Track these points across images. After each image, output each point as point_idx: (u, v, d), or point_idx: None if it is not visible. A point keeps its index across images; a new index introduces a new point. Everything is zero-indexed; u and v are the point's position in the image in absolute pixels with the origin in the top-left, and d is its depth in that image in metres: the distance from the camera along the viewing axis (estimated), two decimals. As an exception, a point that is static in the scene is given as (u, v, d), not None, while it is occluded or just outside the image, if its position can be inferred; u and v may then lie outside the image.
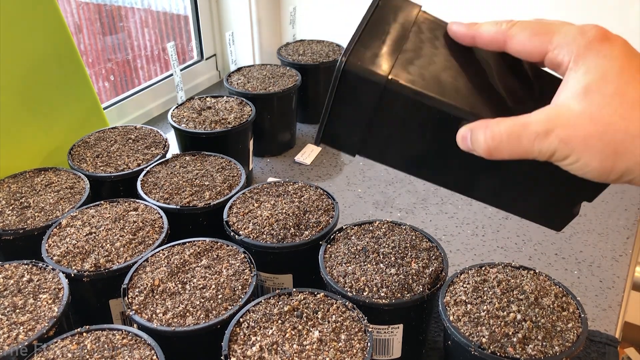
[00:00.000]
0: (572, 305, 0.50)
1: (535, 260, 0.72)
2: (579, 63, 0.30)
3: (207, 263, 0.54)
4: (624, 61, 0.29)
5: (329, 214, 0.62)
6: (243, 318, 0.47)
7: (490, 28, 0.34)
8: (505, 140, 0.31)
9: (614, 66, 0.29)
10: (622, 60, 0.29)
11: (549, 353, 0.45)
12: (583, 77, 0.30)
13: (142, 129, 0.81)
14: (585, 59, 0.30)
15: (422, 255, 0.54)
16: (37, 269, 0.54)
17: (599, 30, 0.30)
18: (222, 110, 0.85)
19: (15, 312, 0.49)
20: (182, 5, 1.18)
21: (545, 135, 0.30)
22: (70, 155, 0.74)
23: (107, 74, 1.10)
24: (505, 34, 0.33)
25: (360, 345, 0.44)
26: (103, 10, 1.08)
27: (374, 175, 0.91)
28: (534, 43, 0.32)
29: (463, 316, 0.48)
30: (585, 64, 0.30)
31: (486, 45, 0.34)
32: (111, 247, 0.57)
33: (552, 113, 0.30)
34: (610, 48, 0.30)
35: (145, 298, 0.50)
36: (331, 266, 0.54)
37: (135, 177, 0.70)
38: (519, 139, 0.30)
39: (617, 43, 0.30)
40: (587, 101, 0.29)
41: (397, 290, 0.50)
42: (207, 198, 0.65)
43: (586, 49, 0.30)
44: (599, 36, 0.30)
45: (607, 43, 0.30)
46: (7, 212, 0.62)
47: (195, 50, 1.22)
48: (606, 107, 0.29)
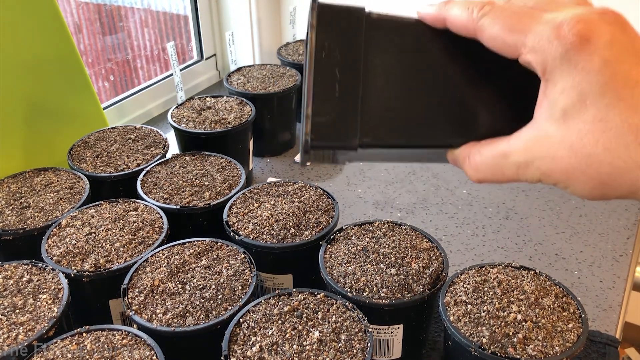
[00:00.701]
0: (572, 306, 0.50)
1: (535, 260, 0.72)
2: (554, 78, 0.26)
3: (207, 263, 0.54)
4: (606, 75, 0.24)
5: (329, 214, 0.62)
6: (243, 318, 0.47)
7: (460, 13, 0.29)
8: (490, 173, 0.29)
9: (593, 84, 0.25)
10: (604, 75, 0.24)
11: (550, 353, 0.45)
12: (559, 98, 0.26)
13: (142, 129, 0.81)
14: (561, 74, 0.25)
15: (423, 255, 0.54)
16: (37, 269, 0.54)
17: (579, 31, 0.25)
18: (222, 110, 0.85)
19: (15, 312, 0.49)
20: (182, 5, 1.18)
21: (526, 167, 0.27)
22: (70, 155, 0.74)
23: (107, 74, 1.10)
24: (475, 24, 0.28)
25: (360, 346, 0.44)
26: (103, 10, 1.08)
27: (374, 175, 0.91)
28: (506, 41, 0.27)
29: (463, 316, 0.48)
30: (561, 80, 0.25)
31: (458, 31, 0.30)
32: (111, 247, 0.57)
33: (531, 141, 0.27)
34: (590, 57, 0.24)
35: (145, 298, 0.50)
36: (331, 266, 0.54)
37: (135, 177, 0.70)
38: (502, 171, 0.29)
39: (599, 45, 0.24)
40: (565, 128, 0.26)
41: (398, 291, 0.50)
42: (207, 198, 0.65)
43: (562, 59, 0.25)
44: (577, 40, 0.25)
45: (587, 49, 0.25)
46: (6, 212, 0.62)
47: (195, 50, 1.21)
48: (587, 135, 0.25)
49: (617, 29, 0.25)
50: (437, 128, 0.32)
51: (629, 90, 0.24)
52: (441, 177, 0.90)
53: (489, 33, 0.28)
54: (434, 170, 0.92)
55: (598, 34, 0.25)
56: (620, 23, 0.26)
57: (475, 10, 0.28)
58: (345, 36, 0.30)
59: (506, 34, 0.27)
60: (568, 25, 0.25)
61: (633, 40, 0.25)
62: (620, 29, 0.25)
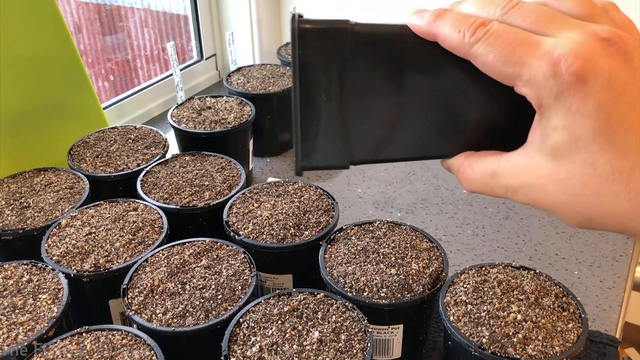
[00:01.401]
0: (572, 306, 0.50)
1: (535, 260, 0.72)
2: (548, 114, 0.25)
3: (207, 263, 0.54)
4: (600, 119, 0.23)
5: (329, 214, 0.62)
6: (243, 318, 0.47)
7: (452, 33, 0.27)
8: (480, 188, 0.29)
9: (585, 128, 0.24)
10: (598, 119, 0.23)
11: (550, 353, 0.45)
12: (551, 135, 0.25)
13: (141, 129, 0.81)
14: (555, 112, 0.24)
15: (423, 255, 0.54)
16: (37, 269, 0.54)
17: (576, 70, 0.23)
18: (222, 110, 0.85)
19: (15, 312, 0.49)
20: (182, 5, 1.18)
21: (515, 191, 0.27)
22: (70, 155, 0.74)
23: (107, 73, 1.10)
24: (467, 50, 0.26)
25: (360, 346, 0.44)
26: (103, 10, 1.08)
27: (374, 175, 0.91)
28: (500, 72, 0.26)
29: (463, 316, 0.48)
30: (555, 118, 0.25)
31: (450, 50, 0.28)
32: (111, 247, 0.57)
33: (520, 168, 0.27)
34: (585, 100, 0.23)
35: (145, 298, 0.50)
36: (331, 266, 0.54)
37: (135, 177, 0.70)
38: (491, 189, 0.29)
39: (595, 87, 0.23)
40: (555, 164, 0.25)
41: (398, 291, 0.50)
42: (207, 198, 0.65)
43: (556, 99, 0.24)
44: (573, 80, 0.23)
45: (583, 91, 0.23)
46: (6, 212, 0.62)
47: (195, 50, 1.21)
48: (576, 176, 0.25)
49: (618, 62, 0.24)
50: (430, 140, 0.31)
51: (622, 135, 0.23)
52: (441, 177, 0.90)
53: (483, 61, 0.26)
54: (434, 170, 0.92)
55: (596, 73, 0.23)
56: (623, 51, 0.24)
57: (467, 34, 0.26)
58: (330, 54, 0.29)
59: (501, 64, 0.25)
60: (565, 63, 0.24)
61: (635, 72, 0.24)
62: (623, 60, 0.24)
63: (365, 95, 0.30)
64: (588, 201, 0.25)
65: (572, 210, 0.25)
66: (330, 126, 0.30)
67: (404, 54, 0.29)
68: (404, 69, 0.30)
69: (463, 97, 0.30)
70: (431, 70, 0.30)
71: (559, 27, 0.25)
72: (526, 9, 0.26)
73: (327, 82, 0.29)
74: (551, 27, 0.25)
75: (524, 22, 0.26)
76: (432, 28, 0.28)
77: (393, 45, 0.29)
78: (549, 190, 0.26)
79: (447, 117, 0.31)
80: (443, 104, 0.30)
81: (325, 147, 0.30)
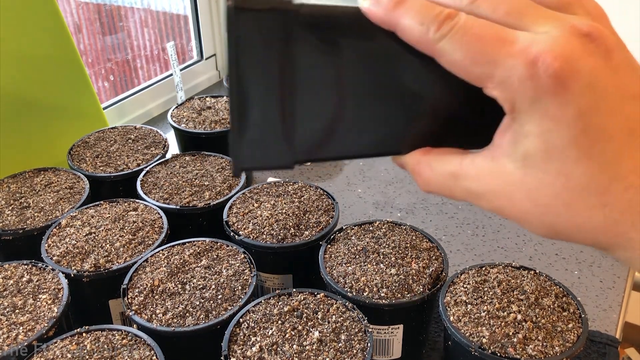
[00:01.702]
0: (572, 306, 0.50)
1: (535, 260, 0.72)
2: (521, 118, 0.23)
3: (207, 263, 0.54)
4: (578, 128, 0.22)
5: (329, 214, 0.62)
6: (243, 318, 0.47)
7: (414, 26, 0.23)
8: (439, 190, 0.27)
9: (562, 136, 0.22)
10: (575, 128, 0.22)
11: (550, 353, 0.45)
12: (523, 141, 0.23)
13: (141, 129, 0.81)
14: (530, 118, 0.22)
15: (423, 255, 0.54)
16: (37, 269, 0.54)
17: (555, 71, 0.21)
18: (222, 110, 0.85)
19: (15, 312, 0.49)
20: (181, 5, 1.18)
21: (477, 196, 0.25)
22: (70, 155, 0.74)
23: (107, 74, 1.10)
24: (432, 46, 0.23)
25: (360, 346, 0.44)
26: (103, 10, 1.08)
27: (374, 175, 0.91)
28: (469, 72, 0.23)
29: (463, 316, 0.48)
30: (528, 124, 0.22)
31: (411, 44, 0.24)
32: (111, 247, 0.57)
33: (485, 172, 0.24)
34: (563, 106, 0.21)
35: (145, 298, 0.50)
36: (331, 266, 0.54)
37: (135, 177, 0.70)
38: (451, 191, 0.26)
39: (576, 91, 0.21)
40: (525, 172, 0.23)
41: (398, 291, 0.50)
42: (207, 198, 0.65)
43: (532, 103, 0.22)
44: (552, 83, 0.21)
45: (562, 96, 0.21)
46: (6, 212, 0.62)
47: (195, 50, 1.21)
48: (547, 187, 0.23)
49: (599, 62, 0.22)
50: (383, 135, 0.28)
51: (600, 146, 0.22)
52: (441, 177, 0.90)
53: (449, 60, 0.23)
54: (434, 170, 0.92)
55: (576, 76, 0.21)
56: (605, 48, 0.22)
57: (431, 28, 0.23)
58: (271, 39, 0.25)
59: (469, 63, 0.23)
60: (544, 64, 0.21)
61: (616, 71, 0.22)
62: (604, 58, 0.22)
63: (310, 85, 0.26)
64: (558, 213, 0.23)
65: (539, 221, 0.24)
66: (270, 121, 0.26)
67: (355, 40, 0.26)
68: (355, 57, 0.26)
69: (421, 89, 0.27)
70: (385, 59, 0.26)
71: (534, 20, 0.23)
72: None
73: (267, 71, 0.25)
74: (525, 19, 0.23)
75: (495, 13, 0.23)
76: (390, 18, 0.24)
77: (343, 30, 0.26)
78: (517, 199, 0.24)
79: (401, 109, 0.28)
80: (397, 96, 0.27)
81: (266, 145, 0.27)
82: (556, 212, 0.23)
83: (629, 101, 0.22)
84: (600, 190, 0.22)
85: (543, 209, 0.23)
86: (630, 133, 0.22)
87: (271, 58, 0.25)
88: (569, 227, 0.23)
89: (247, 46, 0.25)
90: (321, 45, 0.26)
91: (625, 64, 0.23)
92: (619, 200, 0.22)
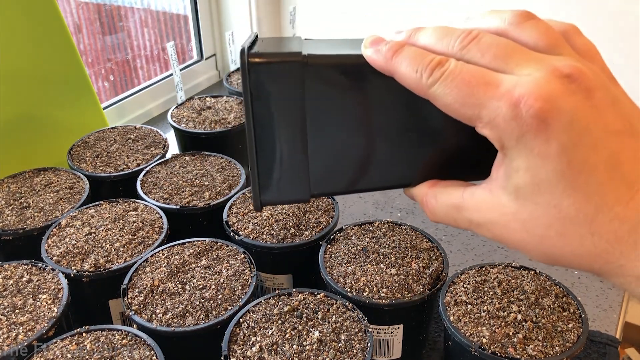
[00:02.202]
0: (572, 306, 0.50)
1: (535, 260, 0.72)
2: (510, 155, 0.24)
3: (207, 263, 0.54)
4: (563, 162, 0.23)
5: (329, 214, 0.62)
6: (243, 318, 0.47)
7: (410, 73, 0.26)
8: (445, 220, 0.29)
9: (548, 171, 0.23)
10: (560, 162, 0.23)
11: (550, 353, 0.45)
12: (514, 175, 0.24)
13: (141, 129, 0.81)
14: (518, 154, 0.24)
15: (423, 255, 0.54)
16: (37, 269, 0.54)
17: (537, 112, 0.22)
18: (222, 110, 0.85)
19: (15, 312, 0.49)
20: (181, 5, 1.18)
21: (478, 226, 0.27)
22: (70, 155, 0.74)
23: (107, 73, 1.10)
24: (426, 90, 0.25)
25: (360, 346, 0.44)
26: (103, 10, 1.08)
27: (374, 175, 0.91)
28: (460, 114, 0.25)
29: (463, 316, 0.48)
30: (517, 160, 0.24)
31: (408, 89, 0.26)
32: (111, 247, 0.57)
33: (484, 204, 0.26)
34: (547, 143, 0.23)
35: (145, 298, 0.50)
36: (331, 266, 0.54)
37: (135, 177, 0.70)
38: (455, 221, 0.28)
39: (557, 129, 0.22)
40: (518, 204, 0.25)
41: (398, 291, 0.50)
42: (207, 198, 0.65)
43: (517, 141, 0.23)
44: (534, 123, 0.23)
45: (544, 134, 0.23)
46: (6, 212, 0.62)
47: (195, 50, 1.21)
48: (540, 218, 0.24)
49: (579, 101, 0.23)
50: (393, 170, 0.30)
51: (585, 178, 0.23)
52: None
53: (441, 103, 0.25)
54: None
55: (557, 115, 0.22)
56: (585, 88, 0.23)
57: (424, 75, 0.25)
58: (283, 88, 0.27)
59: (459, 106, 0.24)
60: (526, 105, 0.22)
61: (598, 109, 0.23)
62: (584, 97, 0.23)
63: (322, 127, 0.29)
64: (553, 243, 0.24)
65: (536, 249, 0.25)
66: (288, 161, 0.29)
67: (361, 85, 0.28)
68: (362, 100, 0.28)
69: (425, 127, 0.29)
70: (390, 101, 0.28)
71: (519, 63, 0.24)
72: (485, 42, 0.25)
73: (282, 117, 0.28)
74: (510, 62, 0.24)
75: (483, 58, 0.25)
76: (389, 65, 0.27)
77: (349, 76, 0.28)
78: (513, 229, 0.25)
79: (409, 147, 0.30)
80: (404, 134, 0.29)
81: (284, 182, 0.30)
82: (550, 242, 0.24)
83: (611, 136, 0.23)
84: (588, 220, 0.23)
85: (538, 239, 0.25)
86: (613, 166, 0.23)
87: (285, 104, 0.28)
88: (565, 255, 0.24)
89: (262, 96, 0.28)
90: (330, 91, 0.28)
91: (608, 101, 0.24)
92: (605, 230, 0.23)
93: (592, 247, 0.23)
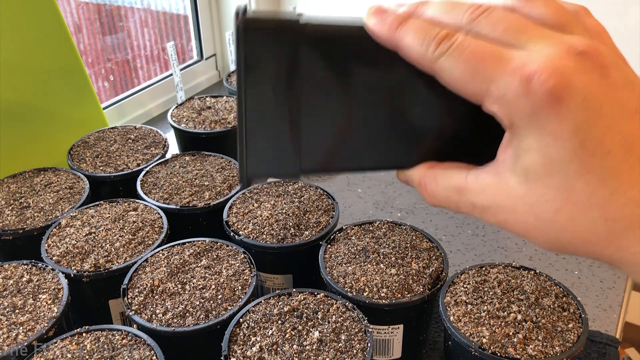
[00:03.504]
0: (572, 306, 0.50)
1: (535, 260, 0.72)
2: (520, 133, 0.23)
3: (207, 263, 0.54)
4: (576, 142, 0.22)
5: (329, 214, 0.62)
6: (243, 318, 0.47)
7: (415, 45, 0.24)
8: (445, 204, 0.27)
9: (561, 151, 0.22)
10: (573, 142, 0.22)
11: (550, 353, 0.45)
12: (524, 156, 0.23)
13: (141, 129, 0.81)
14: (528, 133, 0.23)
15: (423, 255, 0.54)
16: (37, 269, 0.54)
17: (551, 88, 0.21)
18: (222, 110, 0.85)
19: (15, 312, 0.49)
20: (182, 5, 1.18)
21: (482, 210, 0.25)
22: (70, 155, 0.74)
23: (107, 73, 1.10)
24: (431, 64, 0.24)
25: (360, 346, 0.44)
26: (102, 10, 1.08)
27: (374, 175, 0.91)
28: (467, 89, 0.24)
29: (463, 316, 0.48)
30: (528, 139, 0.23)
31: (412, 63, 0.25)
32: (111, 247, 0.57)
33: (490, 187, 0.25)
34: (561, 121, 0.22)
35: (145, 298, 0.50)
36: (331, 266, 0.54)
37: (135, 177, 0.70)
38: (457, 205, 0.27)
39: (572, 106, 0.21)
40: (527, 186, 0.23)
41: (398, 291, 0.50)
42: (207, 198, 0.65)
43: (529, 119, 0.22)
44: (548, 99, 0.21)
45: (558, 111, 0.21)
46: (6, 212, 0.62)
47: (195, 50, 1.21)
48: (550, 201, 0.23)
49: (594, 79, 0.22)
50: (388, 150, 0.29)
51: (599, 160, 0.22)
52: (441, 177, 0.90)
53: (448, 77, 0.24)
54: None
55: (572, 91, 0.21)
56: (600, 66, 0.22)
57: (431, 46, 0.24)
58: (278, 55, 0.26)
59: (467, 80, 0.23)
60: (539, 80, 0.21)
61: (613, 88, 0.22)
62: (599, 75, 0.22)
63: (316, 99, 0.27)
64: (562, 228, 0.23)
65: (543, 235, 0.24)
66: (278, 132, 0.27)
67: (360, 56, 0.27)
68: (360, 72, 0.27)
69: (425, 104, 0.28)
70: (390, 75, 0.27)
71: (531, 38, 0.23)
72: (495, 16, 0.24)
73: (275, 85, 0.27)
74: (522, 37, 0.23)
75: (493, 32, 0.24)
76: (393, 37, 0.25)
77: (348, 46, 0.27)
78: (520, 213, 0.24)
79: (407, 124, 0.28)
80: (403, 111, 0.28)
81: (273, 154, 0.28)
82: (559, 226, 0.23)
83: (626, 117, 0.22)
84: (602, 204, 0.22)
85: (547, 224, 0.23)
86: (628, 148, 0.22)
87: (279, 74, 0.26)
88: (573, 241, 0.23)
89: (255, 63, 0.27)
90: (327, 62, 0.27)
91: (624, 81, 0.23)
92: (620, 214, 0.22)
93: (604, 233, 0.22)
